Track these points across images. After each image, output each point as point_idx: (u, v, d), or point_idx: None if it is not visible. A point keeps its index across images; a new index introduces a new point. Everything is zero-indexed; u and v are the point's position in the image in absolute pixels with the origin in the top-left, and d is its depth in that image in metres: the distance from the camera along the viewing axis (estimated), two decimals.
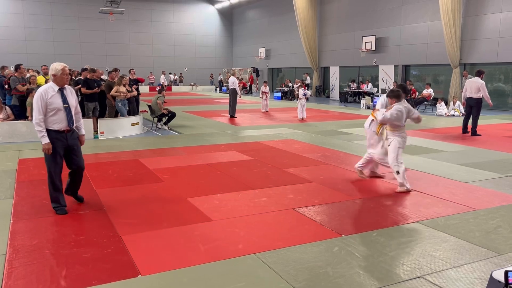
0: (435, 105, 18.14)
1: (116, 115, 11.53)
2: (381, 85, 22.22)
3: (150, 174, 6.90)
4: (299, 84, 16.34)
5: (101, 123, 10.82)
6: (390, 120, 5.82)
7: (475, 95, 10.99)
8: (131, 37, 36.19)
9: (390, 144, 5.91)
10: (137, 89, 12.79)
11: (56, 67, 4.79)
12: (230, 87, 15.41)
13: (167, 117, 12.37)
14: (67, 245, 4.05)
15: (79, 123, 5.10)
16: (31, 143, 9.67)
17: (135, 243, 4.08)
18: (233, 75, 16.00)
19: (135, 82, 12.81)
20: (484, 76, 11.24)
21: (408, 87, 6.21)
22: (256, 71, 34.20)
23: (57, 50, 32.88)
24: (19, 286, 3.30)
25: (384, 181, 6.41)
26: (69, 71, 13.36)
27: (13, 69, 11.39)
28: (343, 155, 8.52)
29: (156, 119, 12.38)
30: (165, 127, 12.42)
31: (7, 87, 10.86)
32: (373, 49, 23.12)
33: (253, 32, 36.28)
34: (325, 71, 28.24)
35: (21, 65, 11.09)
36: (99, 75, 11.63)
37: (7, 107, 10.80)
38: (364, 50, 23.66)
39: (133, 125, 11.52)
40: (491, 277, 2.06)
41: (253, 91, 33.03)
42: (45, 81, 11.31)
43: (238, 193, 5.79)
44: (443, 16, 18.40)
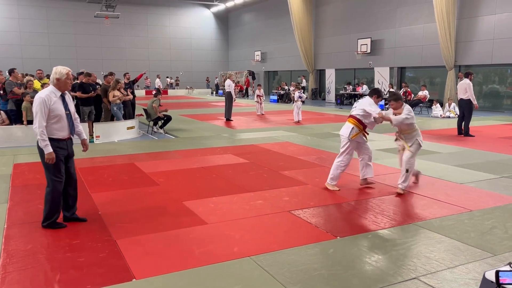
0: (430, 106, 18.21)
1: (111, 119, 11.52)
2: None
3: (145, 177, 6.88)
4: (295, 87, 16.38)
5: (97, 127, 10.80)
6: (409, 120, 5.77)
7: (464, 96, 11.12)
8: (127, 41, 36.20)
9: (412, 145, 5.87)
10: (133, 93, 12.78)
11: (61, 70, 4.54)
12: (226, 90, 15.42)
13: (163, 121, 12.36)
14: (61, 249, 4.03)
15: (79, 128, 4.88)
16: (27, 147, 9.64)
17: (130, 247, 4.07)
18: (229, 78, 16.02)
19: (130, 85, 12.79)
20: (472, 77, 11.36)
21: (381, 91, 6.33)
22: (252, 74, 34.25)
23: (53, 54, 32.84)
24: None
25: (378, 183, 6.42)
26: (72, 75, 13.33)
27: (8, 74, 11.36)
28: None
29: (152, 123, 12.37)
30: (161, 131, 12.41)
31: (2, 92, 10.82)
32: (369, 51, 23.21)
33: (249, 35, 36.36)
34: (321, 74, 28.31)
35: (15, 69, 11.05)
36: (94, 79, 11.62)
37: (1, 112, 10.75)
38: (359, 52, 23.75)
39: (128, 129, 11.50)
40: (484, 278, 2.07)
41: (250, 94, 33.07)
42: (41, 85, 11.27)
43: (233, 196, 5.79)
44: (437, 18, 18.51)
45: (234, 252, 3.95)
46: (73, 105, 4.85)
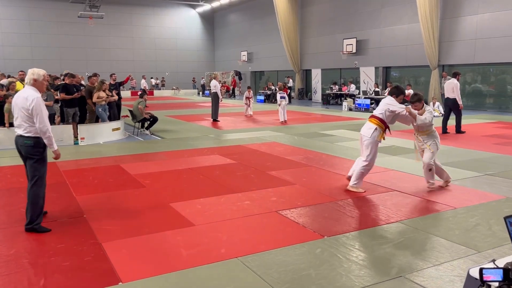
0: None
1: (96, 120, 11.38)
2: (362, 87, 22.48)
3: (131, 179, 6.82)
4: (279, 87, 16.43)
5: (81, 128, 10.66)
6: (429, 123, 5.97)
7: (451, 95, 11.38)
8: (111, 42, 35.85)
9: (431, 145, 6.02)
10: (118, 94, 12.65)
11: (38, 72, 4.60)
12: (212, 91, 15.37)
13: (149, 122, 12.27)
14: (45, 254, 3.96)
15: None
16: (9, 150, 9.46)
17: (116, 250, 4.02)
18: (214, 79, 15.95)
19: (115, 86, 12.67)
20: (460, 77, 11.62)
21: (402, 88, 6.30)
22: (238, 74, 34.23)
23: (35, 55, 32.35)
24: None
25: (364, 182, 6.45)
26: (48, 76, 13.12)
27: None
28: (325, 156, 8.57)
29: (138, 124, 12.26)
30: (147, 132, 12.31)
31: None
32: (354, 51, 23.39)
33: (235, 35, 36.32)
34: (307, 74, 28.43)
35: None
36: (78, 80, 11.48)
37: None
38: (345, 52, 23.91)
39: (114, 130, 11.38)
40: (468, 275, 2.09)
41: (236, 94, 33.05)
42: (24, 87, 11.08)
43: (221, 197, 5.77)
44: (421, 18, 18.75)
45: (221, 253, 3.94)
46: None
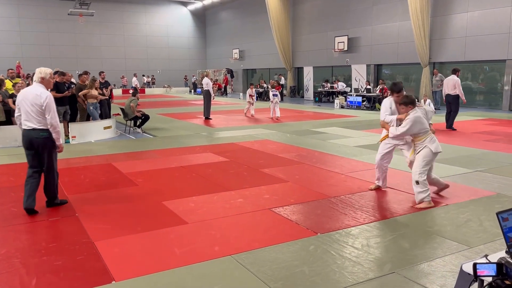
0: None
1: (88, 118, 11.29)
2: (354, 85, 22.56)
3: (123, 178, 6.77)
4: (272, 85, 16.42)
5: (73, 127, 10.57)
6: (407, 133, 5.19)
7: (451, 91, 11.58)
8: (102, 39, 35.56)
9: (419, 151, 5.26)
10: (111, 90, 12.56)
11: (45, 70, 5.12)
12: (204, 89, 15.32)
13: (140, 120, 12.20)
14: (37, 253, 3.92)
15: None
16: (0, 149, 9.37)
17: (109, 249, 4.00)
18: (206, 76, 15.89)
19: (105, 85, 12.57)
20: (459, 73, 11.83)
21: (400, 84, 5.68)
22: (230, 72, 34.15)
23: (25, 53, 31.97)
24: None
25: (357, 180, 6.49)
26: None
27: None
28: (318, 154, 8.59)
29: (129, 122, 12.19)
30: (139, 130, 12.24)
31: None
32: (346, 49, 23.45)
33: (227, 33, 36.22)
34: (299, 72, 28.45)
35: None
36: (69, 78, 11.36)
37: None
38: (337, 50, 23.97)
39: (105, 128, 11.29)
40: (461, 270, 2.11)
41: (228, 92, 32.98)
42: (12, 85, 10.94)
43: (213, 195, 5.76)
44: (412, 16, 18.84)
45: (215, 251, 3.93)
46: None
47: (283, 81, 27.34)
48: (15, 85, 10.60)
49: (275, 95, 15.05)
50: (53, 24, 33.35)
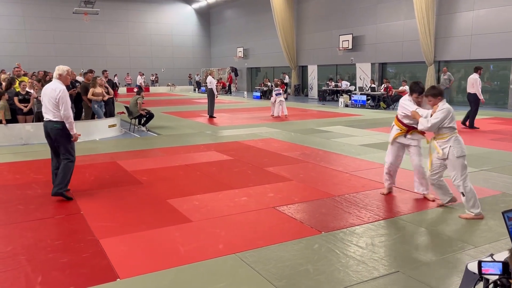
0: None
1: (92, 117, 11.34)
2: (359, 83, 22.50)
3: (128, 176, 6.80)
4: (276, 84, 16.42)
5: (77, 125, 10.54)
6: (439, 125, 4.75)
7: (471, 90, 11.50)
8: (107, 38, 35.64)
9: (444, 149, 4.79)
10: (113, 89, 12.59)
11: (62, 68, 5.59)
12: (208, 87, 15.34)
13: (145, 118, 12.23)
14: (42, 250, 3.95)
15: None
16: (6, 147, 9.42)
17: (114, 247, 4.01)
18: (210, 75, 15.91)
19: (110, 84, 12.61)
20: (481, 71, 11.75)
21: (422, 84, 5.40)
22: (234, 70, 34.15)
23: (31, 51, 32.10)
24: None
25: (361, 178, 6.48)
26: (44, 73, 13.00)
27: None
28: (322, 153, 8.57)
29: (134, 121, 12.22)
30: (143, 128, 12.28)
31: None
32: (350, 47, 23.38)
33: (231, 32, 36.20)
34: (303, 70, 28.41)
35: None
36: (74, 76, 11.41)
37: None
38: (341, 48, 23.90)
39: (110, 127, 11.34)
40: (466, 269, 2.11)
41: (232, 90, 32.99)
42: (18, 83, 11.00)
43: (218, 193, 5.76)
44: (417, 14, 18.75)
45: (219, 249, 3.94)
46: None
47: (287, 80, 27.30)
48: (20, 83, 10.66)
49: (278, 94, 15.03)
50: (58, 22, 33.45)
